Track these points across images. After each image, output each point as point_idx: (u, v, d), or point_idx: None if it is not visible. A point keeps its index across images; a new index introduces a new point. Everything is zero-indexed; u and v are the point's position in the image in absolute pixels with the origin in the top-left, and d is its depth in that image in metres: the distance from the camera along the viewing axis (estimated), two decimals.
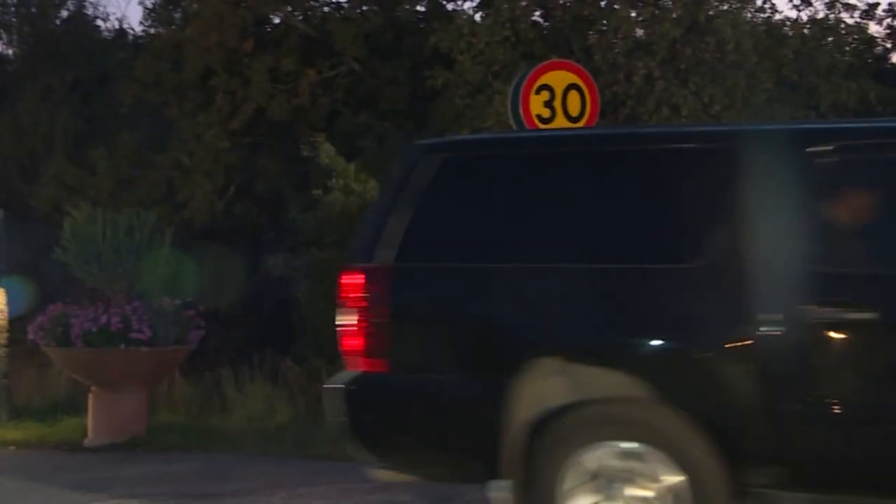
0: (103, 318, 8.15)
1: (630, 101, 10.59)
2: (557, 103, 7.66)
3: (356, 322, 4.59)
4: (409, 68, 13.31)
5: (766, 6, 11.44)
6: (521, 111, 7.56)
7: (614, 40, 10.41)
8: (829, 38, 11.41)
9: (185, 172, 13.86)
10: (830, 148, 4.32)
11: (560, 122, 7.68)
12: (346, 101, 13.93)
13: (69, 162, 14.31)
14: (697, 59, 10.40)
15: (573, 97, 7.71)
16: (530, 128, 7.56)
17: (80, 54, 16.33)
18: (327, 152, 10.78)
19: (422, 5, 14.02)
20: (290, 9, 13.89)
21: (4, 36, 16.48)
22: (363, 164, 11.13)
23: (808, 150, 4.31)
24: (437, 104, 11.69)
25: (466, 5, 10.99)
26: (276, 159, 14.24)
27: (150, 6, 15.25)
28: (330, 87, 13.90)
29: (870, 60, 12.30)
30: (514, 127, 7.80)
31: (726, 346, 4.17)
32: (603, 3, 10.92)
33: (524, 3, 10.90)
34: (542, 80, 7.63)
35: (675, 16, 10.29)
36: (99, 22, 17.26)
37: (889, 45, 12.31)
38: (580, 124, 7.75)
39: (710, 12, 10.27)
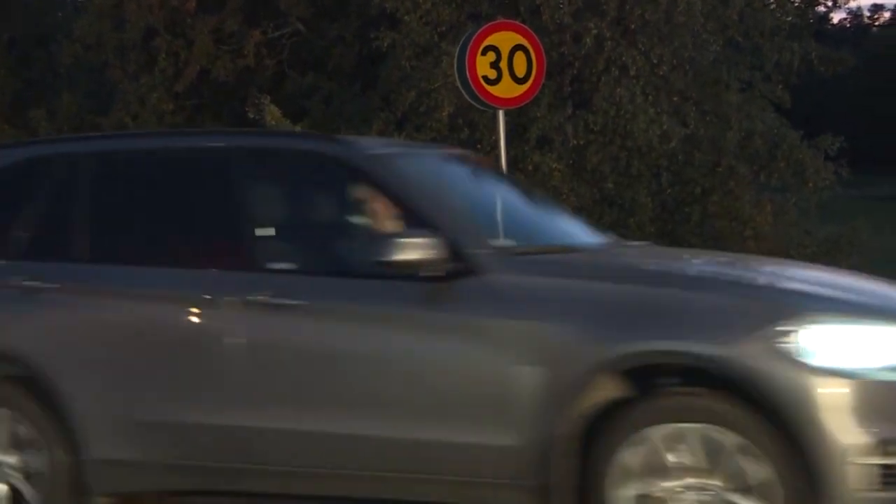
0: None
1: (577, 62, 10.62)
2: (504, 64, 7.64)
3: None
4: (355, 29, 13.20)
5: None
6: (467, 72, 7.54)
7: (561, 1, 10.41)
8: None
9: None
10: None
11: (506, 83, 7.68)
12: (292, 63, 13.79)
13: (7, 123, 14.04)
14: (644, 19, 10.45)
15: (519, 58, 7.69)
16: (477, 89, 7.56)
17: (15, 12, 15.96)
18: (273, 114, 10.69)
19: None
20: None
21: None
22: (310, 126, 11.05)
23: None
24: (385, 65, 11.62)
25: None
26: (223, 121, 14.08)
27: None
28: (275, 47, 13.75)
29: (811, 21, 12.43)
30: (461, 88, 7.79)
31: None
32: None
33: None
34: (489, 41, 7.60)
35: None
36: None
37: (829, 5, 12.45)
38: (526, 85, 7.76)
39: None
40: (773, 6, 11.46)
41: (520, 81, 7.72)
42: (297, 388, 4.11)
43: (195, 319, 4.24)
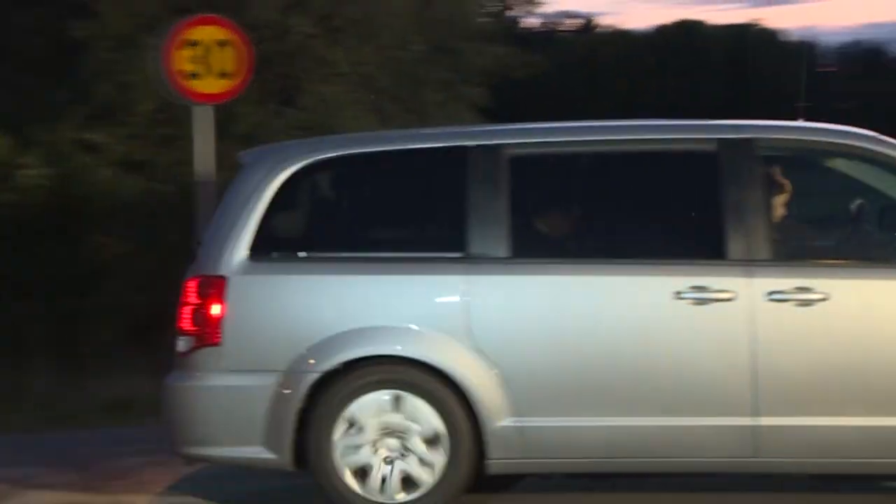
0: None
1: (282, 59, 10.62)
2: (207, 59, 7.53)
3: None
4: (47, 18, 12.52)
5: None
6: (165, 66, 7.37)
7: None
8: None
9: None
10: None
11: (211, 79, 7.58)
12: None
13: None
14: (349, 18, 10.61)
15: (224, 53, 7.61)
16: (173, 84, 7.39)
17: None
18: None
19: None
20: None
21: None
22: None
23: None
24: (83, 57, 11.10)
25: None
26: None
27: None
28: None
29: (506, 25, 13.09)
30: (159, 83, 7.60)
31: None
32: None
33: None
34: (190, 34, 7.47)
35: None
36: None
37: (522, 11, 13.14)
38: (232, 81, 7.69)
39: None
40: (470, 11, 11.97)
41: (224, 77, 7.64)
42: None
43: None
